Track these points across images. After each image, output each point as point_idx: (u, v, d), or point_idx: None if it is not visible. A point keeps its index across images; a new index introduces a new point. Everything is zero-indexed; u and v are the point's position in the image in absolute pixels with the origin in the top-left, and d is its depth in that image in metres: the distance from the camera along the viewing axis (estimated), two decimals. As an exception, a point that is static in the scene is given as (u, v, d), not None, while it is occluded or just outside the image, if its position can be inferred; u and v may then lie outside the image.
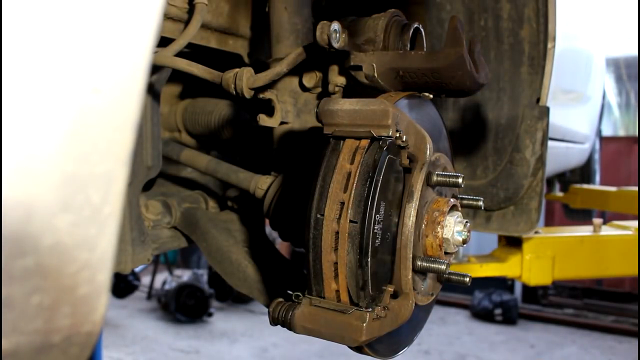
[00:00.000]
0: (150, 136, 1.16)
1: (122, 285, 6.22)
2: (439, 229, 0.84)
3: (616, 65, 8.29)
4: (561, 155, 2.46)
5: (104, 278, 0.41)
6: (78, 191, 0.36)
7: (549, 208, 6.43)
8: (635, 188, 3.27)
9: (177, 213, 1.31)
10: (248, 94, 1.01)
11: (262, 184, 1.13)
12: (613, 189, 3.35)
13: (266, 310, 0.98)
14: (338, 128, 0.80)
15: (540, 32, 1.40)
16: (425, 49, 0.97)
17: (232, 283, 1.18)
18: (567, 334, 5.96)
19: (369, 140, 0.78)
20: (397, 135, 0.78)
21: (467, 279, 0.87)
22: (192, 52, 1.24)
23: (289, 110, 1.07)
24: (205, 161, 1.25)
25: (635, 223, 2.68)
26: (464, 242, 0.86)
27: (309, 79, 1.04)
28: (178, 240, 1.34)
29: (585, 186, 3.65)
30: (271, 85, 1.03)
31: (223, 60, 1.31)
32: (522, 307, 6.62)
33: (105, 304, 0.43)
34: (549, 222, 6.51)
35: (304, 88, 1.07)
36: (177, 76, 1.39)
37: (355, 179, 0.76)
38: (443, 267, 0.82)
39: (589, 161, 3.77)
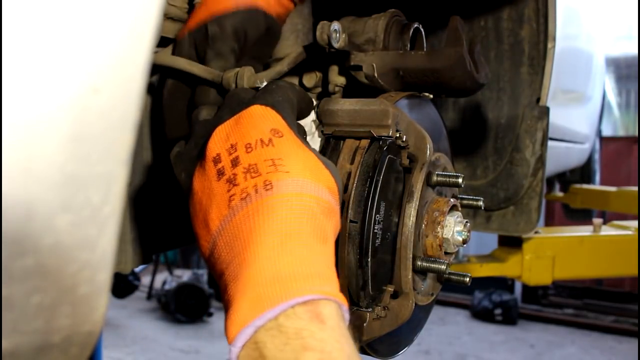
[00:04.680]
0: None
1: (122, 285, 6.20)
2: (439, 229, 0.84)
3: (616, 65, 8.29)
4: (561, 155, 2.46)
5: (104, 278, 0.41)
6: (78, 191, 0.36)
7: (549, 208, 6.43)
8: (635, 188, 3.27)
9: (177, 213, 1.31)
10: (248, 93, 1.01)
11: (262, 184, 1.13)
12: (613, 189, 3.35)
13: (266, 310, 0.98)
14: (338, 128, 0.80)
15: (540, 32, 1.40)
16: (425, 49, 0.97)
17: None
18: (567, 334, 5.96)
19: (369, 141, 0.78)
20: (397, 135, 0.78)
21: (467, 279, 0.87)
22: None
23: (289, 110, 1.07)
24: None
25: (635, 223, 2.68)
26: (464, 242, 0.86)
27: (309, 79, 1.04)
28: (178, 240, 1.34)
29: (585, 186, 3.65)
30: (271, 85, 1.03)
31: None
32: (522, 307, 6.61)
33: (105, 304, 0.43)
34: (549, 222, 6.51)
35: (304, 88, 1.07)
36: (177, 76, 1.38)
37: (356, 179, 0.76)
38: (443, 267, 0.82)
39: (589, 161, 3.76)
